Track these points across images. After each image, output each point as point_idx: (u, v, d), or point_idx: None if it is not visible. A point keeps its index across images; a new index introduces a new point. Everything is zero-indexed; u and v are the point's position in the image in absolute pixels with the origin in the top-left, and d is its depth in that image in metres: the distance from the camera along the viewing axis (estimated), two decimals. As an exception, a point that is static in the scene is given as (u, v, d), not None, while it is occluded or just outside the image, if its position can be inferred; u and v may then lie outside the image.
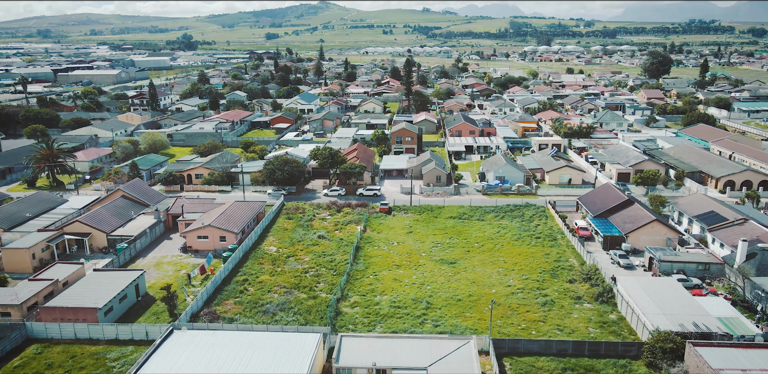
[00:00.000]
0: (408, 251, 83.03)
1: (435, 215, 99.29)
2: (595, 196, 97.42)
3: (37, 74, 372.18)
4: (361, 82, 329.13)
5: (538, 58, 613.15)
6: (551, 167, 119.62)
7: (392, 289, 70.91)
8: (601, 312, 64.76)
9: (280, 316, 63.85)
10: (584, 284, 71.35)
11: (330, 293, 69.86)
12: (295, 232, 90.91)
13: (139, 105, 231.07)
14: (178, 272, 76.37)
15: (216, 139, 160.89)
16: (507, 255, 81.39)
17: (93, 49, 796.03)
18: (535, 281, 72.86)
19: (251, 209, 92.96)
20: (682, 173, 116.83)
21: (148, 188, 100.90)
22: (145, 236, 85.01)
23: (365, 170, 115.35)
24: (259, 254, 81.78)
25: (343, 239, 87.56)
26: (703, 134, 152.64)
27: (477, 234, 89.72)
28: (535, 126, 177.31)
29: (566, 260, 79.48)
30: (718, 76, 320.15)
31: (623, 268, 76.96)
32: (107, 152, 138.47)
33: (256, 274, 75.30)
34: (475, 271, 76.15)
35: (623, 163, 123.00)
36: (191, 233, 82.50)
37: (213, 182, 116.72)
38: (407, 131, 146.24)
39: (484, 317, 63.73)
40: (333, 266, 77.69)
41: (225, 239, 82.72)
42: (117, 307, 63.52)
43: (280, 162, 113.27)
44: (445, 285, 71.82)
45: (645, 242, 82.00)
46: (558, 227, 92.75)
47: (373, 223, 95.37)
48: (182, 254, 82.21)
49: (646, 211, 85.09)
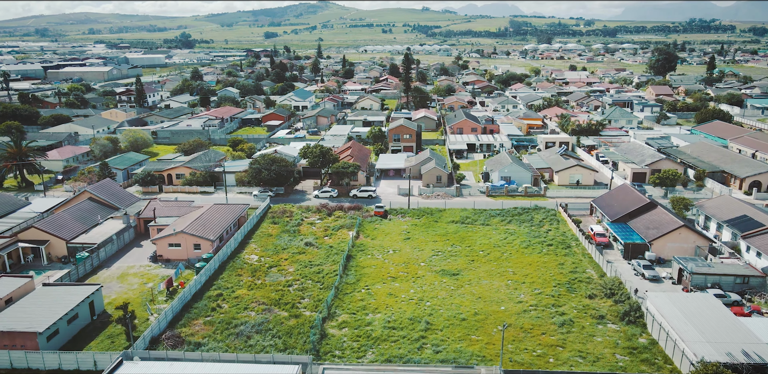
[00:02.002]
0: (405, 261, 74.05)
1: (435, 219, 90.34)
2: (611, 198, 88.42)
3: (27, 71, 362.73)
4: (358, 79, 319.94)
5: (539, 56, 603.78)
6: (561, 167, 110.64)
7: (386, 306, 61.94)
8: (628, 334, 55.75)
9: (256, 340, 54.85)
10: (606, 300, 62.33)
11: (315, 310, 60.87)
12: (280, 238, 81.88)
13: (126, 102, 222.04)
14: (144, 286, 67.32)
15: (203, 137, 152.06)
16: (516, 265, 72.40)
17: (89, 48, 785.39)
18: (549, 296, 63.86)
19: (232, 213, 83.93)
20: (703, 172, 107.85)
21: (119, 189, 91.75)
22: (112, 243, 75.92)
23: (359, 169, 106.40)
24: (237, 265, 72.74)
25: (333, 247, 78.54)
26: (719, 132, 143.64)
27: (482, 241, 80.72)
28: (540, 123, 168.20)
29: (583, 271, 70.48)
30: (726, 73, 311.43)
31: (648, 281, 67.99)
32: (84, 151, 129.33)
33: (233, 288, 66.29)
34: (480, 284, 67.18)
35: (638, 162, 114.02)
36: (162, 241, 73.45)
37: (195, 182, 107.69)
38: (405, 128, 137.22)
39: (492, 340, 54.77)
40: (320, 279, 68.69)
41: (200, 247, 73.69)
42: (64, 330, 54.46)
43: (267, 161, 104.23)
44: (446, 301, 62.83)
45: (671, 250, 73.03)
46: (571, 232, 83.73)
47: (367, 228, 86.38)
48: (151, 265, 73.14)
49: (671, 215, 76.08)
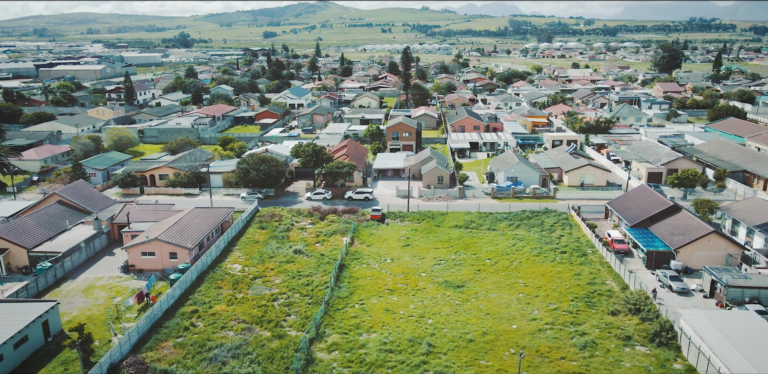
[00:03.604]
0: (404, 271, 66.82)
1: (437, 223, 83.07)
2: (629, 200, 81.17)
3: (18, 70, 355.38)
4: (357, 77, 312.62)
5: (540, 55, 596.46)
6: (571, 166, 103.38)
7: (383, 324, 54.70)
8: (661, 359, 48.49)
9: (232, 366, 47.64)
10: (632, 317, 55.07)
11: (302, 330, 53.62)
12: (268, 245, 74.62)
13: (116, 100, 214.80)
14: (111, 300, 60.07)
15: (192, 135, 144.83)
16: (527, 276, 65.16)
17: (86, 47, 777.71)
18: (567, 312, 56.59)
19: (214, 218, 76.64)
20: (723, 172, 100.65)
21: (93, 191, 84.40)
22: (79, 251, 68.65)
23: (355, 169, 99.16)
24: (218, 275, 65.46)
25: (325, 255, 71.28)
26: (735, 129, 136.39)
27: (488, 248, 73.46)
28: (546, 121, 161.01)
29: (602, 282, 63.23)
30: (733, 70, 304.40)
31: (677, 294, 60.75)
32: (64, 150, 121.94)
33: (210, 303, 59.03)
34: (488, 298, 59.93)
35: (653, 161, 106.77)
36: (134, 249, 66.20)
37: (178, 183, 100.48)
38: (405, 126, 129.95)
39: (505, 366, 47.54)
40: (309, 292, 61.44)
41: (176, 255, 66.46)
42: (11, 356, 47.21)
43: (256, 161, 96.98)
44: (451, 319, 55.58)
45: (699, 259, 65.84)
46: (586, 238, 76.47)
47: (363, 234, 79.12)
48: (122, 276, 65.86)
49: (698, 220, 68.85)
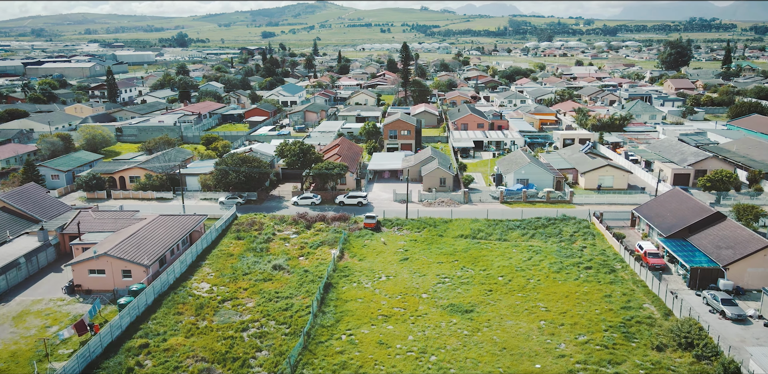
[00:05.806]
0: (402, 291, 56.36)
1: (440, 232, 72.57)
2: (660, 206, 70.74)
3: (6, 68, 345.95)
4: (354, 74, 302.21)
5: (541, 54, 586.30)
6: (588, 167, 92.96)
7: (375, 362, 44.24)
8: (730, 414, 38.20)
9: (180, 423, 37.25)
10: (682, 353, 44.63)
11: (274, 370, 43.19)
12: (243, 259, 64.13)
13: (99, 97, 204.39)
14: (47, 330, 49.58)
15: (175, 134, 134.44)
16: (548, 298, 54.67)
17: (82, 46, 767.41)
18: (601, 347, 46.09)
19: (181, 227, 66.14)
20: (759, 173, 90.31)
21: (45, 196, 73.83)
22: (18, 268, 58.15)
23: (348, 170, 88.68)
24: (180, 298, 54.92)
25: (309, 272, 60.79)
26: (761, 127, 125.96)
27: (500, 262, 63.00)
28: (554, 119, 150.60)
29: (639, 306, 52.73)
30: (744, 68, 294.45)
31: (731, 321, 50.34)
32: (30, 150, 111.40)
33: (166, 334, 48.49)
34: (503, 327, 49.46)
35: (678, 161, 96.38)
36: (80, 266, 55.66)
37: (150, 187, 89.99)
38: (403, 123, 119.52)
39: (529, 424, 37.12)
40: (287, 319, 50.95)
41: (131, 274, 55.96)
42: None
43: (236, 161, 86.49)
44: (459, 355, 45.11)
45: (753, 277, 55.42)
46: (613, 250, 66.04)
47: (355, 245, 68.64)
48: (65, 298, 55.29)
49: (749, 231, 58.43)
